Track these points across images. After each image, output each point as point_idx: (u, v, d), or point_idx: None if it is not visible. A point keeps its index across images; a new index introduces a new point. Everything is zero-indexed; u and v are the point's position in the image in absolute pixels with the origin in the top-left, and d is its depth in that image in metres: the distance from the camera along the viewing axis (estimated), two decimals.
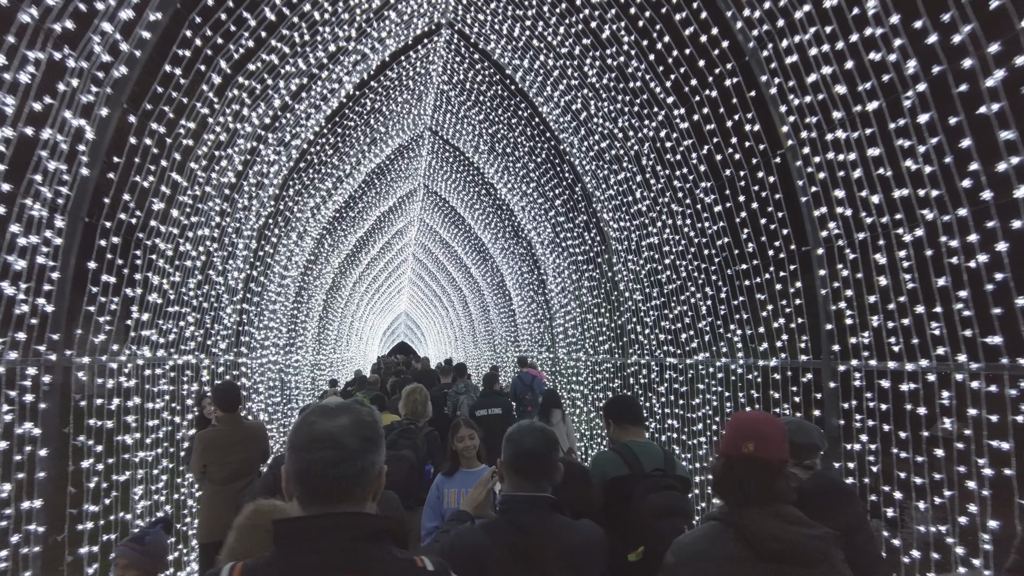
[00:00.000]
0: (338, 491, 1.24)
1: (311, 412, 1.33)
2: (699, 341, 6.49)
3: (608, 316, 8.89)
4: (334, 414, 1.31)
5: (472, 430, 4.21)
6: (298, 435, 1.28)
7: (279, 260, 9.02)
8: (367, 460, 1.27)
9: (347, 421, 1.28)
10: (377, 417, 1.37)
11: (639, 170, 6.96)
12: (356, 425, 1.28)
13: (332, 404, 1.35)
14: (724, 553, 1.81)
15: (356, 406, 1.35)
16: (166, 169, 4.74)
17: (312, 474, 1.23)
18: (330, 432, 1.25)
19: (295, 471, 1.26)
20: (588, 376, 9.98)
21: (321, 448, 1.24)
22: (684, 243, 6.45)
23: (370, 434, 1.30)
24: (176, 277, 5.40)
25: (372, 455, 1.29)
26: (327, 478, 1.23)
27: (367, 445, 1.28)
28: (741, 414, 2.07)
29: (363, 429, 1.29)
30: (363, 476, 1.27)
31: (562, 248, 10.14)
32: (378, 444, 1.32)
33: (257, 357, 8.85)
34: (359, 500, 1.27)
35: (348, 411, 1.32)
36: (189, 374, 6.07)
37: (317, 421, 1.28)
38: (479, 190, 12.89)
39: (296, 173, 8.28)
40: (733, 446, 1.88)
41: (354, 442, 1.26)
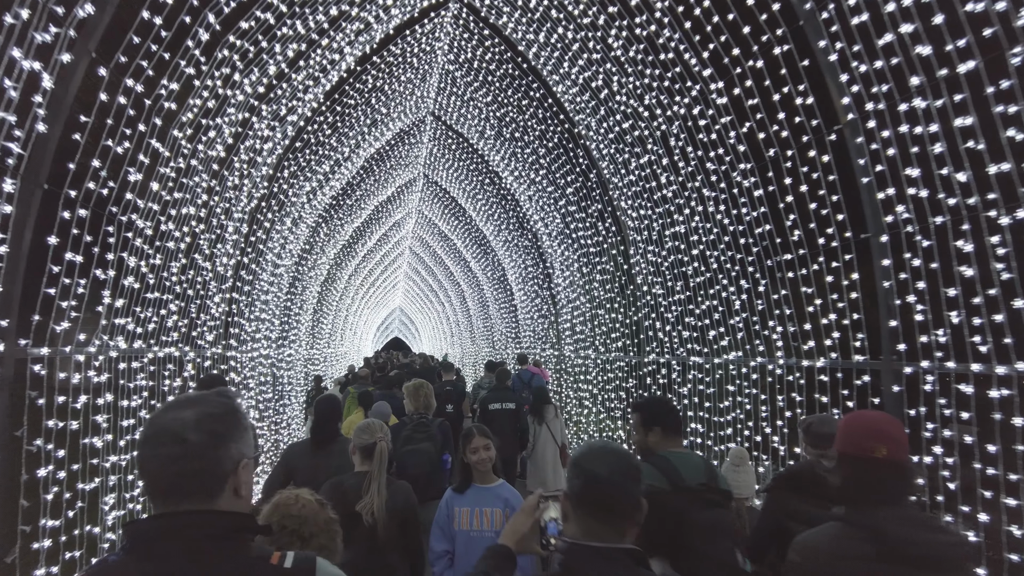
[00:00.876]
0: (181, 489, 1.16)
1: (165, 404, 1.25)
2: (731, 339, 5.97)
3: (623, 311, 8.37)
4: (180, 406, 1.21)
5: (487, 439, 3.67)
6: (143, 430, 1.21)
7: (272, 247, 8.43)
8: (214, 455, 1.18)
9: (191, 414, 1.19)
10: (233, 407, 1.26)
11: (666, 152, 6.42)
12: (202, 418, 1.19)
13: (184, 396, 1.26)
14: (852, 553, 1.79)
15: (211, 397, 1.25)
16: (144, 135, 4.15)
17: (152, 472, 1.17)
18: (168, 427, 1.17)
19: (140, 470, 1.19)
20: (598, 375, 9.46)
21: (160, 443, 1.16)
22: (716, 231, 5.92)
23: (219, 427, 1.20)
24: (157, 260, 4.82)
25: (220, 450, 1.19)
26: (167, 476, 1.16)
27: (213, 440, 1.19)
28: (859, 415, 2.09)
29: (211, 423, 1.20)
30: (206, 473, 1.18)
31: (572, 240, 9.60)
32: (230, 437, 1.21)
33: (248, 350, 8.27)
34: (206, 498, 1.18)
35: (197, 403, 1.22)
36: (172, 368, 5.50)
37: (160, 415, 1.20)
38: (482, 179, 12.33)
39: (292, 153, 7.70)
40: (860, 448, 1.88)
41: (196, 436, 1.17)
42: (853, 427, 1.95)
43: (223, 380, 4.54)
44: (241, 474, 1.24)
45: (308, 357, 14.81)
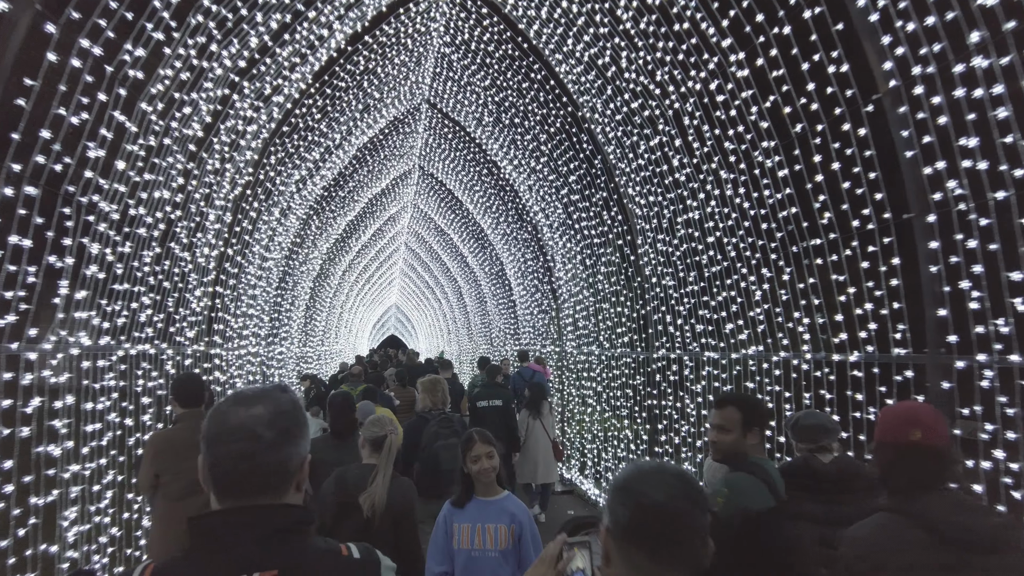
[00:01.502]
0: (252, 485, 1.16)
1: (226, 400, 1.23)
2: (750, 332, 5.55)
3: (629, 305, 7.95)
4: (250, 402, 1.20)
5: (490, 446, 3.26)
6: (210, 426, 1.19)
7: (259, 239, 7.98)
8: (284, 452, 1.19)
9: (263, 411, 1.19)
10: (298, 404, 1.26)
11: (679, 133, 6.00)
12: (273, 415, 1.19)
13: (249, 391, 1.23)
14: (908, 542, 1.79)
15: (276, 393, 1.24)
16: (106, 106, 3.70)
17: (224, 468, 1.16)
18: (243, 423, 1.17)
19: (209, 464, 1.18)
20: (602, 372, 9.04)
21: (234, 440, 1.16)
22: (735, 217, 5.50)
23: (288, 424, 1.21)
24: (126, 248, 4.37)
25: (290, 447, 1.20)
26: (239, 472, 1.16)
27: (284, 436, 1.19)
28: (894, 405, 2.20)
29: (281, 419, 1.20)
30: (280, 469, 1.19)
31: (575, 230, 9.17)
32: (297, 435, 1.22)
33: (234, 348, 7.82)
34: (277, 493, 1.19)
35: (265, 399, 1.21)
36: (147, 367, 5.05)
37: (230, 410, 1.19)
38: (480, 170, 11.89)
39: (279, 138, 7.24)
40: (897, 434, 1.92)
41: (270, 433, 1.17)
42: (888, 416, 2.02)
43: (199, 380, 4.10)
44: (304, 469, 1.25)
45: (301, 355, 14.36)
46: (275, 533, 1.15)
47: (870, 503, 2.11)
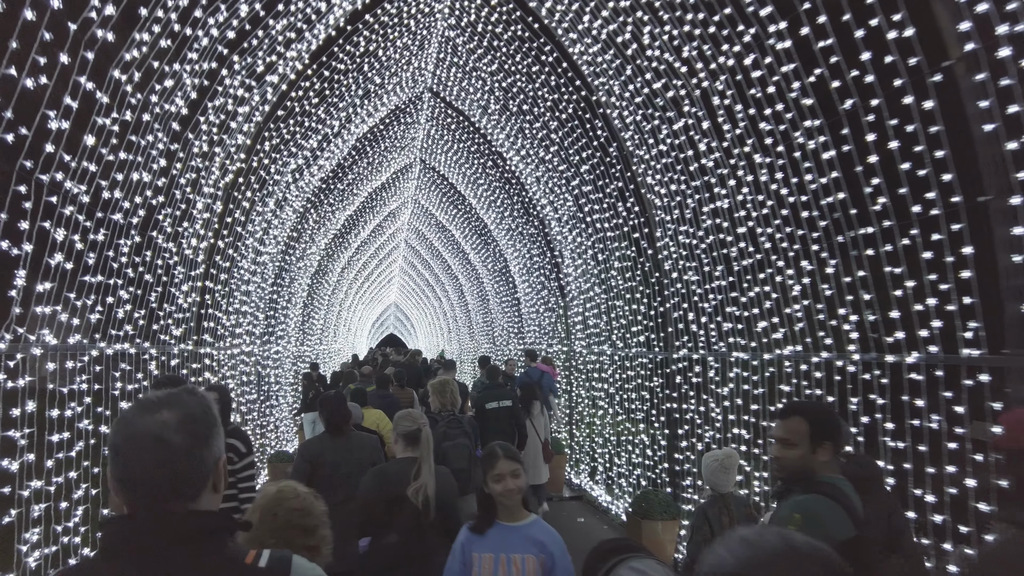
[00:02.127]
0: (164, 492, 1.12)
1: (131, 407, 1.19)
2: (787, 331, 5.09)
3: (646, 302, 7.49)
4: (155, 407, 1.15)
5: (516, 463, 2.79)
6: (116, 435, 1.15)
7: (253, 231, 7.51)
8: (196, 456, 1.15)
9: (171, 416, 1.15)
10: (208, 407, 1.22)
11: (707, 115, 5.53)
12: (183, 420, 1.15)
13: (155, 396, 1.19)
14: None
15: (184, 396, 1.20)
16: (71, 71, 3.23)
17: (135, 477, 1.11)
18: (150, 430, 1.12)
19: (116, 476, 1.13)
20: (615, 373, 8.58)
21: (144, 448, 1.11)
22: (771, 204, 5.04)
23: (200, 428, 1.17)
24: (99, 235, 3.90)
25: (203, 450, 1.16)
26: (152, 479, 1.11)
27: (195, 440, 1.15)
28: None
29: (192, 424, 1.16)
30: (193, 474, 1.15)
31: (586, 224, 8.71)
32: (210, 437, 1.18)
33: (226, 347, 7.36)
34: (188, 498, 1.15)
35: (173, 403, 1.17)
36: (127, 368, 4.58)
37: (137, 417, 1.14)
38: (484, 162, 11.42)
39: (273, 122, 6.77)
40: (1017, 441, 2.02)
41: (179, 438, 1.13)
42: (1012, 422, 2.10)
43: (182, 381, 3.63)
44: (219, 471, 1.21)
45: (298, 354, 13.89)
46: (177, 539, 1.12)
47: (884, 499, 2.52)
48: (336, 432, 4.17)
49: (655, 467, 7.38)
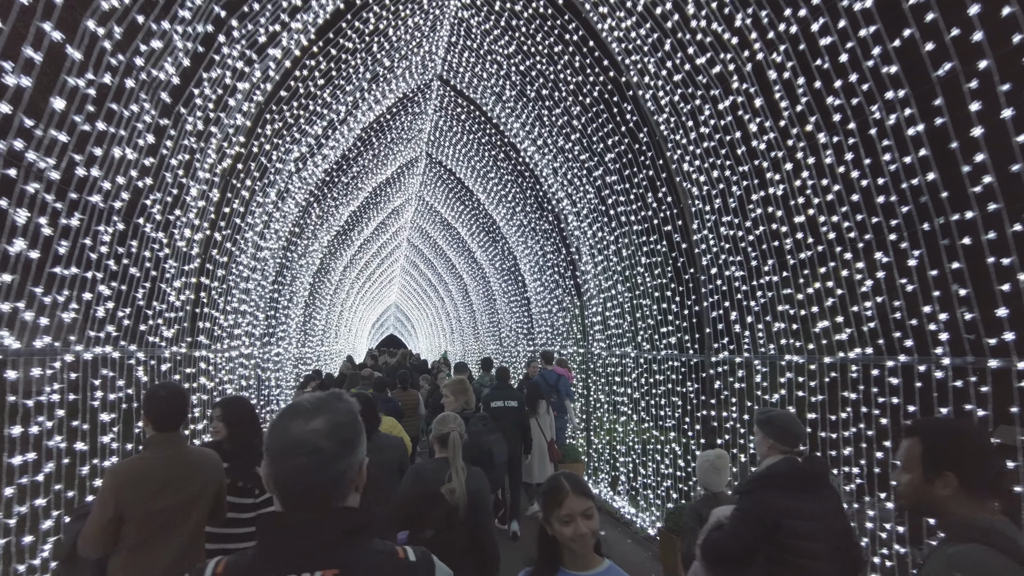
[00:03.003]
0: (315, 494, 1.21)
1: (284, 414, 1.26)
2: (853, 331, 4.52)
3: (678, 301, 6.92)
4: (310, 414, 1.24)
5: (589, 500, 2.25)
6: (273, 439, 1.23)
7: (253, 223, 6.92)
8: (345, 463, 1.24)
9: (323, 424, 1.23)
10: (355, 412, 1.31)
11: (759, 91, 4.97)
12: (333, 427, 1.23)
13: (308, 401, 1.27)
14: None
15: (334, 403, 1.28)
16: (32, 13, 2.65)
17: (288, 480, 1.20)
18: (305, 437, 1.21)
19: (273, 477, 1.22)
20: (640, 377, 8.01)
21: (296, 455, 1.19)
22: (837, 190, 4.47)
23: (349, 435, 1.26)
24: (72, 220, 3.32)
25: (350, 457, 1.25)
26: (303, 484, 1.20)
27: (344, 448, 1.24)
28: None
29: (341, 431, 1.24)
30: (341, 478, 1.23)
31: (609, 217, 8.14)
32: (356, 444, 1.27)
33: (224, 349, 6.77)
34: (339, 499, 1.24)
35: (325, 410, 1.25)
36: (108, 374, 4.00)
37: (291, 424, 1.23)
38: (495, 154, 10.85)
39: (276, 103, 6.19)
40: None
41: (331, 446, 1.22)
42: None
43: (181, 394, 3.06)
44: (362, 474, 1.29)
45: (300, 356, 13.30)
46: (336, 535, 1.20)
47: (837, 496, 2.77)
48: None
49: (689, 478, 6.82)
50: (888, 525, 4.29)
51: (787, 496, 2.70)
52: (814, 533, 2.64)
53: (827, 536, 2.68)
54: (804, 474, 2.76)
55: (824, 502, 2.73)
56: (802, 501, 2.69)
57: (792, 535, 2.64)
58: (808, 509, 2.67)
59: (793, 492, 2.72)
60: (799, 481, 2.74)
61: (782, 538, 2.64)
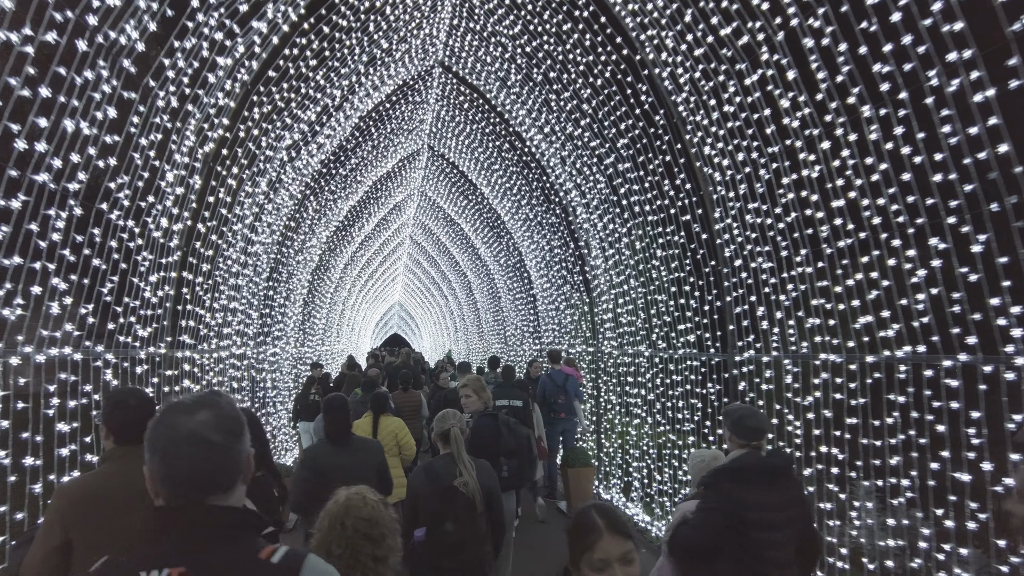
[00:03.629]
0: (205, 487, 1.23)
1: (167, 410, 1.27)
2: (902, 327, 4.05)
3: (698, 296, 6.44)
4: (193, 409, 1.26)
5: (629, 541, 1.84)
6: (158, 437, 1.24)
7: (242, 215, 6.48)
8: (234, 452, 1.26)
9: (209, 416, 1.25)
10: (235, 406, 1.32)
11: (794, 62, 4.49)
12: (220, 419, 1.26)
13: (188, 399, 1.29)
14: None
15: (214, 398, 1.30)
16: None
17: (180, 475, 1.22)
18: (193, 431, 1.23)
19: (161, 474, 1.23)
20: (656, 377, 7.54)
21: (188, 447, 1.21)
22: (884, 169, 3.99)
23: (234, 426, 1.28)
24: (15, 201, 2.88)
25: (238, 446, 1.27)
26: (196, 476, 1.22)
27: (231, 439, 1.26)
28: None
29: (227, 423, 1.27)
30: (232, 468, 1.26)
31: (621, 208, 7.67)
32: (241, 434, 1.29)
33: (211, 349, 6.33)
34: (227, 493, 1.26)
35: (207, 405, 1.28)
36: (68, 378, 3.56)
37: (177, 419, 1.24)
38: (500, 144, 10.38)
39: (264, 84, 5.74)
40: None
41: (219, 437, 1.24)
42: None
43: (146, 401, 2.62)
44: (249, 464, 1.31)
45: (299, 356, 12.87)
46: (203, 531, 1.19)
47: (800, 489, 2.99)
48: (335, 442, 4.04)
49: None
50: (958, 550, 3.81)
51: (750, 489, 2.78)
52: (776, 524, 2.74)
53: (789, 527, 2.78)
54: (766, 467, 2.83)
55: (786, 493, 2.82)
56: (765, 493, 2.77)
57: (756, 527, 2.70)
58: (770, 501, 2.75)
59: (755, 485, 2.79)
60: (761, 474, 2.81)
61: (746, 530, 2.70)
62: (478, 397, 4.87)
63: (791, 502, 2.82)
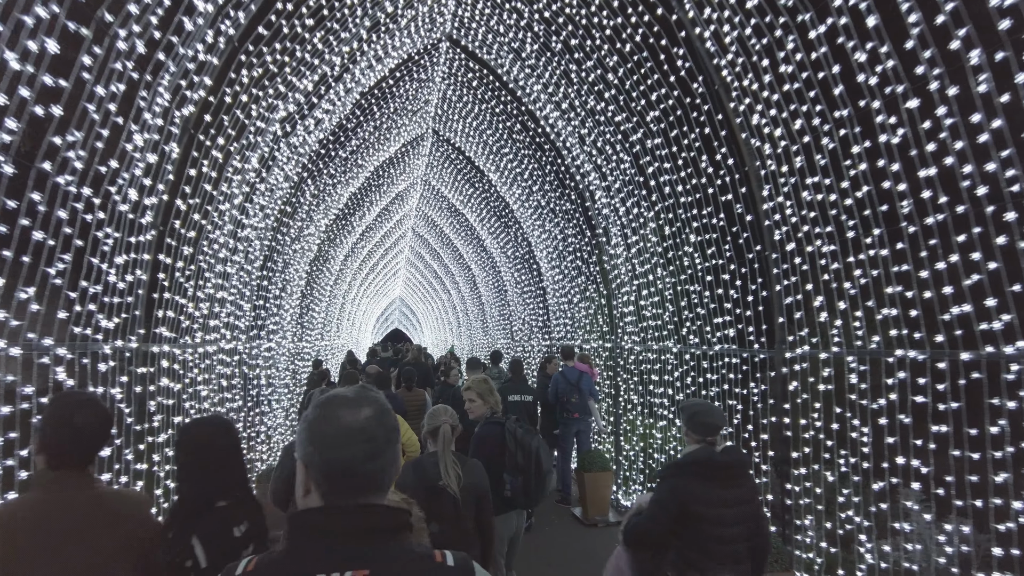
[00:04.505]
0: (366, 485, 1.19)
1: (329, 403, 1.24)
2: (1015, 318, 3.37)
3: (739, 285, 5.77)
4: (357, 404, 1.24)
5: None
6: (324, 427, 1.20)
7: (230, 193, 5.80)
8: (394, 451, 1.25)
9: (372, 412, 1.23)
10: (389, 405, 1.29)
11: (873, 5, 3.80)
12: (380, 415, 1.24)
13: (348, 393, 1.27)
14: None
15: (372, 395, 1.28)
16: None
17: (345, 469, 1.17)
18: (361, 425, 1.20)
19: (326, 468, 1.18)
20: (686, 375, 6.87)
21: (357, 441, 1.18)
22: (998, 126, 3.30)
23: (393, 423, 1.27)
24: None
25: (396, 444, 1.26)
26: (363, 473, 1.18)
27: (392, 435, 1.25)
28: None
29: (387, 418, 1.25)
30: (392, 467, 1.24)
31: (648, 189, 6.99)
32: (398, 433, 1.28)
33: (196, 343, 5.67)
34: (381, 491, 1.23)
35: (369, 401, 1.25)
36: (5, 378, 2.90)
37: (341, 413, 1.21)
38: (511, 125, 9.69)
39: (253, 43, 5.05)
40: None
41: (383, 433, 1.22)
42: None
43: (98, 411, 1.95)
44: (399, 467, 1.27)
45: (296, 352, 12.21)
46: (374, 533, 1.16)
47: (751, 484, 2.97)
48: None
49: None
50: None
51: (700, 483, 2.86)
52: (726, 519, 2.82)
53: (739, 523, 2.86)
54: (718, 463, 2.88)
55: (739, 490, 2.89)
56: (716, 488, 2.84)
57: (704, 520, 2.81)
58: (721, 496, 2.83)
59: (707, 480, 2.86)
60: (713, 469, 2.87)
61: (694, 523, 2.80)
62: (483, 402, 4.35)
63: (741, 499, 2.89)
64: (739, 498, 2.87)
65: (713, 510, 2.82)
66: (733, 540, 2.85)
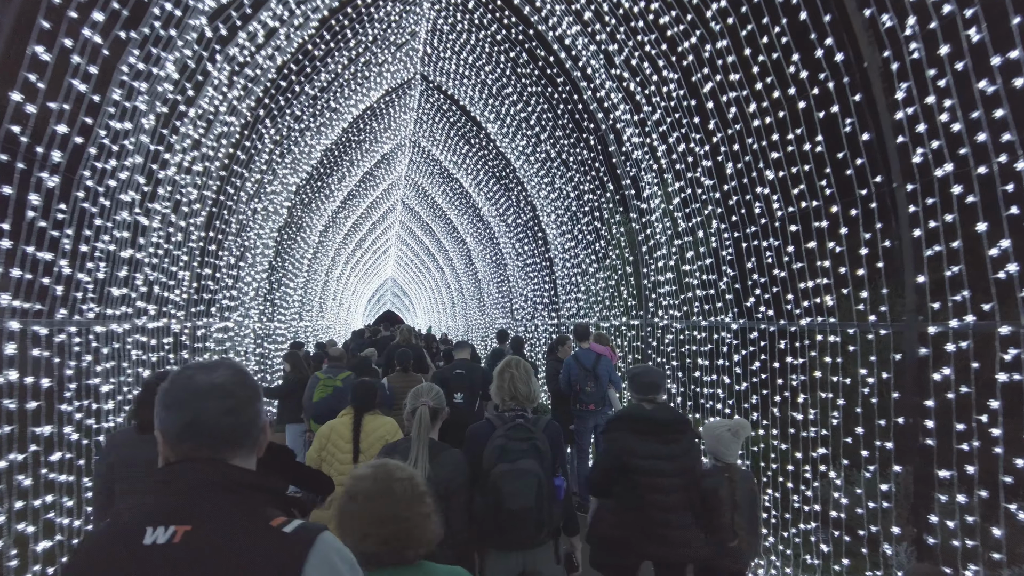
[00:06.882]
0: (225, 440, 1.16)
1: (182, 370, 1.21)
2: None
3: (844, 236, 4.17)
4: (212, 368, 1.21)
5: None
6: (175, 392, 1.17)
7: (141, 111, 4.13)
8: (255, 408, 1.21)
9: (230, 373, 1.20)
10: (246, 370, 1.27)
11: None
12: (240, 375, 1.21)
13: (204, 362, 1.24)
14: None
15: (228, 362, 1.24)
16: None
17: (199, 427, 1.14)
18: (214, 383, 1.17)
19: (177, 428, 1.14)
20: (752, 358, 5.30)
21: (214, 397, 1.16)
22: None
23: (253, 383, 1.24)
24: None
25: (258, 404, 1.22)
26: (217, 428, 1.15)
27: (253, 394, 1.21)
28: None
29: (247, 378, 1.22)
30: (253, 425, 1.20)
31: (705, 115, 5.35)
32: (261, 395, 1.25)
33: (90, 320, 4.04)
34: (245, 450, 1.19)
35: (224, 365, 1.23)
36: None
37: (195, 375, 1.18)
38: (516, 55, 8.00)
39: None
40: None
41: (242, 392, 1.19)
42: None
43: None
44: (265, 431, 1.25)
45: (266, 333, 10.57)
46: (209, 488, 1.11)
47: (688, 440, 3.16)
48: None
49: (861, 521, 4.16)
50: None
51: (633, 437, 3.11)
52: (658, 470, 3.06)
53: (677, 476, 3.08)
54: (648, 418, 3.15)
55: (673, 446, 3.10)
56: (649, 443, 3.09)
57: (636, 471, 3.06)
58: (653, 450, 3.07)
59: (639, 434, 3.11)
60: (643, 424, 3.13)
61: (629, 473, 3.06)
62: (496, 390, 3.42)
63: (676, 454, 3.09)
64: (672, 453, 3.09)
65: (642, 461, 3.06)
66: (668, 490, 3.06)
